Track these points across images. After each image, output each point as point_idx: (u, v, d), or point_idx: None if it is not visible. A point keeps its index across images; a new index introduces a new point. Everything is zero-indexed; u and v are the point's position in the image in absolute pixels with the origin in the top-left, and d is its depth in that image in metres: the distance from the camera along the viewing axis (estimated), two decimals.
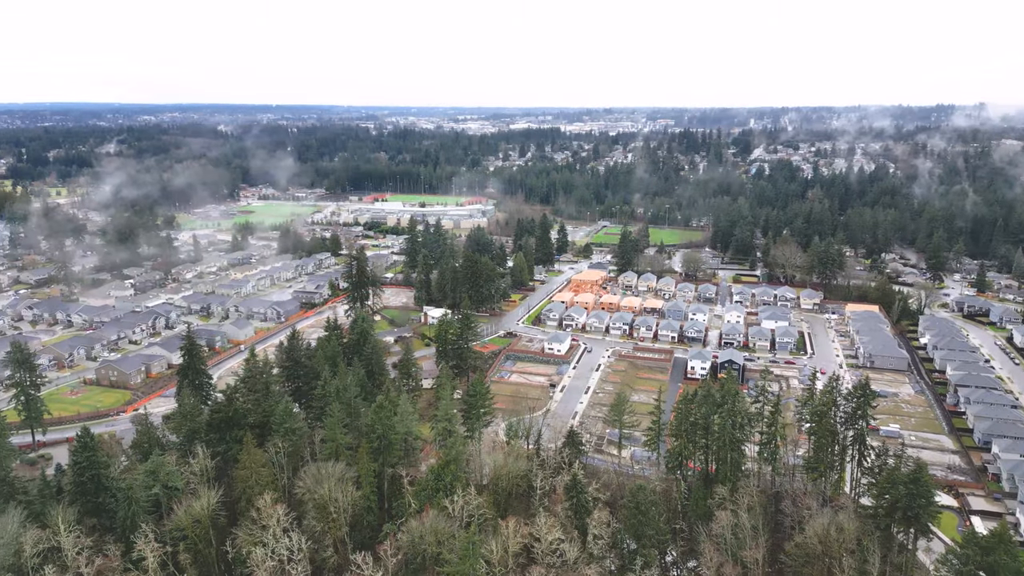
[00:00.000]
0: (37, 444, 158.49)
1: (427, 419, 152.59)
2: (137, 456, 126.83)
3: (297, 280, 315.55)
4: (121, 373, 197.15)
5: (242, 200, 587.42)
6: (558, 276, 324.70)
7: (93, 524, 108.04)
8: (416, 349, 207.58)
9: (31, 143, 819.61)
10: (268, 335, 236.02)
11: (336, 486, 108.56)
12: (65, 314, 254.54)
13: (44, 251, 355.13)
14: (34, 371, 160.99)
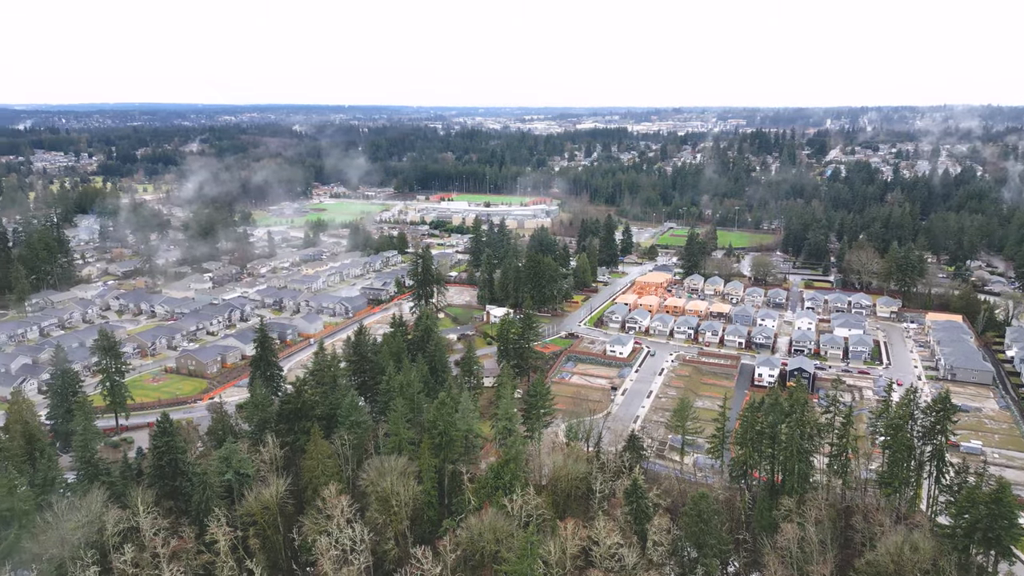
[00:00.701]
0: (120, 428, 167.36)
1: (488, 417, 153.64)
2: (212, 443, 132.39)
3: (365, 277, 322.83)
4: (199, 363, 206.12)
5: (315, 198, 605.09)
6: (622, 278, 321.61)
7: (170, 506, 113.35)
8: (478, 347, 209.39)
9: (121, 142, 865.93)
10: (336, 330, 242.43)
11: (398, 480, 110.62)
12: (149, 305, 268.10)
13: (131, 245, 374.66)
14: (119, 358, 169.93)
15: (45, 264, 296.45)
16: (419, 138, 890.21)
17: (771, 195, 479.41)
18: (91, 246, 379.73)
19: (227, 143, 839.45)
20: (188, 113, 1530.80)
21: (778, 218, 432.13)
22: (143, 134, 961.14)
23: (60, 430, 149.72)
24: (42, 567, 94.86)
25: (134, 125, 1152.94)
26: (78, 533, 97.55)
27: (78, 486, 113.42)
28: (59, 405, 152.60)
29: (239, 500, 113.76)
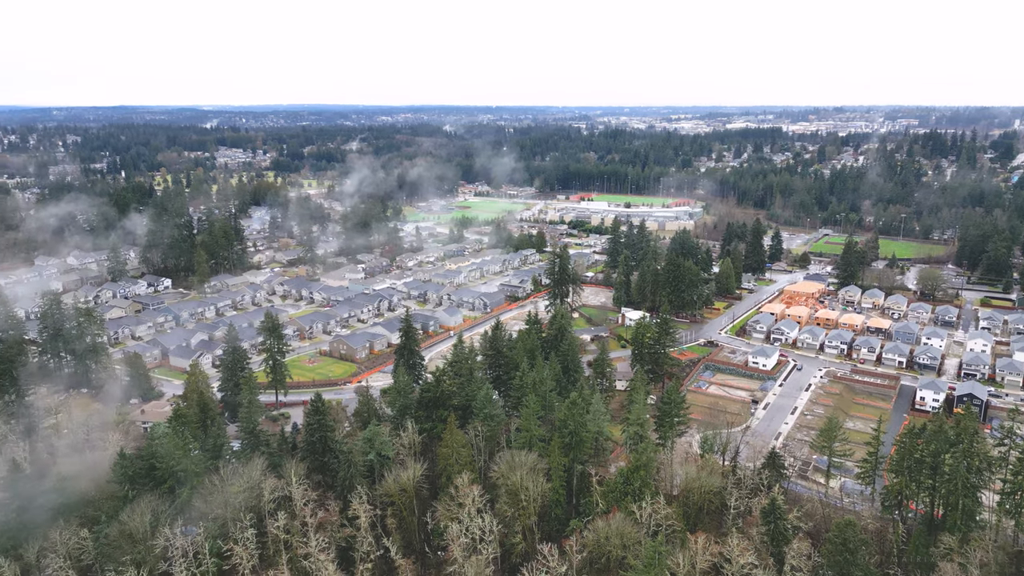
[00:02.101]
0: (279, 404, 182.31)
1: (619, 421, 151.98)
2: (357, 424, 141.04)
3: (504, 274, 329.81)
4: (349, 348, 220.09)
5: (460, 196, 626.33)
6: (768, 286, 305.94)
7: (318, 480, 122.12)
8: (611, 350, 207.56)
9: (291, 140, 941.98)
10: (474, 324, 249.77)
11: (528, 475, 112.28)
12: (309, 291, 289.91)
13: (295, 235, 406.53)
14: (282, 339, 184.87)
15: (223, 250, 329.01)
16: (562, 138, 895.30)
17: (944, 202, 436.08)
18: (262, 235, 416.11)
19: (383, 142, 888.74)
20: (350, 114, 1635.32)
21: (952, 228, 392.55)
22: (310, 133, 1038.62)
23: (229, 402, 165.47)
24: (208, 525, 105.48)
25: (303, 125, 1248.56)
26: (240, 497, 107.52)
27: (241, 454, 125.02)
28: (229, 379, 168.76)
29: (379, 480, 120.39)
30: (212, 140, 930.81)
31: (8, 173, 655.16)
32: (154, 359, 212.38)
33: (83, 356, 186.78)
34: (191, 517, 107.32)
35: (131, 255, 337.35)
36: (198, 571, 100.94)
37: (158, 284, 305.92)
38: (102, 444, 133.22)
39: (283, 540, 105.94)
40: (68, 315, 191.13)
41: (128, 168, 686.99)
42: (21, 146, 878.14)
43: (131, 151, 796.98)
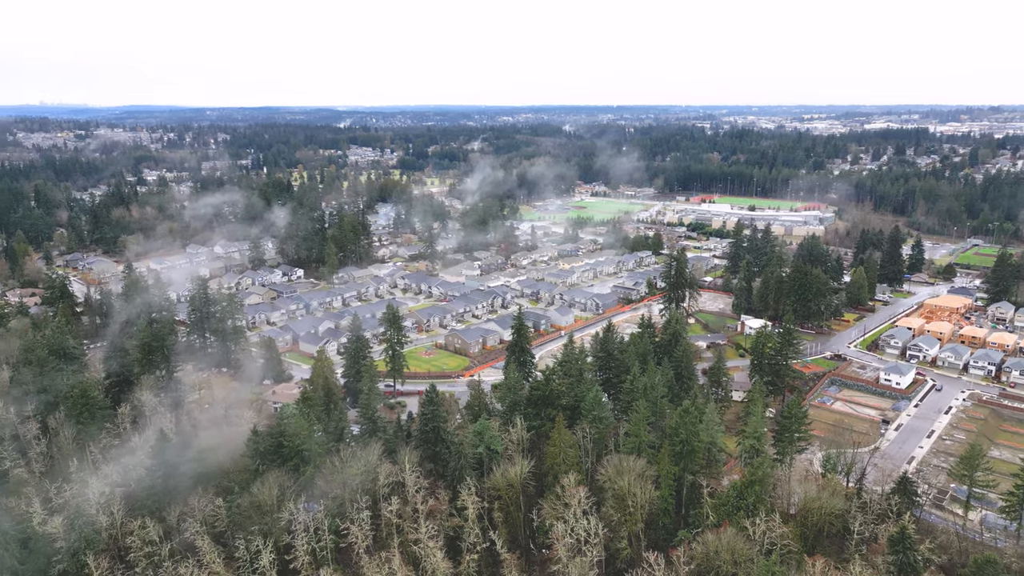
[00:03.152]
0: (396, 392, 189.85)
1: (733, 432, 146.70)
2: (468, 417, 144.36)
3: (618, 275, 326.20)
4: (464, 342, 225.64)
5: (577, 195, 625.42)
6: (906, 298, 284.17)
7: (430, 469, 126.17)
8: (728, 358, 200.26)
9: (416, 139, 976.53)
10: (586, 324, 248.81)
11: (635, 481, 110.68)
12: (428, 286, 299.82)
13: (418, 231, 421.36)
14: (401, 331, 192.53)
15: (351, 244, 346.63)
16: (684, 138, 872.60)
17: None
18: (386, 231, 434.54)
19: (504, 142, 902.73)
20: (473, 114, 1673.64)
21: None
22: (435, 133, 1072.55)
23: (351, 388, 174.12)
24: (328, 503, 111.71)
25: (428, 125, 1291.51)
26: (357, 479, 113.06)
27: (360, 438, 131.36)
28: (352, 366, 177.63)
29: (488, 474, 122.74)
30: (345, 139, 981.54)
31: (167, 168, 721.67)
32: (285, 344, 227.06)
33: (225, 338, 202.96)
34: (313, 495, 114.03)
35: (269, 246, 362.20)
36: (317, 546, 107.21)
37: (292, 274, 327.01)
38: (238, 420, 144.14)
39: (395, 524, 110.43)
40: (213, 299, 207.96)
41: (270, 164, 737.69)
42: (178, 143, 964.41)
43: (273, 149, 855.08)
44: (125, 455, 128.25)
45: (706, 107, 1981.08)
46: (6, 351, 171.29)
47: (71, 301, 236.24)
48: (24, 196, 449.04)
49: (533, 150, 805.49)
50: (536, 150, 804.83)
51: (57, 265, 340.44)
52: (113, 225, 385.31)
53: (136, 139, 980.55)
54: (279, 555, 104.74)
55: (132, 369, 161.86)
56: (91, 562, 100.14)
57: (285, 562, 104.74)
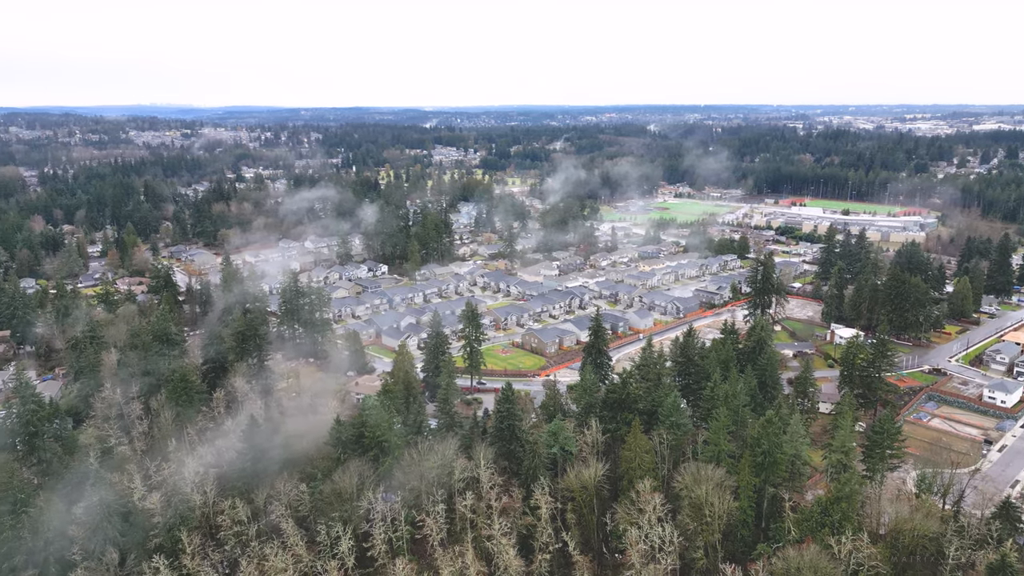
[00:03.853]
0: (473, 389, 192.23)
1: (819, 446, 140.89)
2: (543, 416, 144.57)
3: (700, 279, 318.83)
4: (540, 342, 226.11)
5: (659, 196, 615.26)
6: (1016, 311, 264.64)
7: (504, 466, 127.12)
8: (816, 368, 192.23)
9: (499, 139, 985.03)
10: (665, 328, 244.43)
11: (713, 491, 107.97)
12: (506, 285, 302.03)
13: (498, 230, 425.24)
14: (479, 328, 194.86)
15: (433, 242, 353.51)
16: (775, 138, 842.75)
17: None
18: (467, 229, 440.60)
19: (586, 142, 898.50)
20: (556, 114, 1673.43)
21: None
22: (518, 133, 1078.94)
23: (429, 382, 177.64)
24: (405, 495, 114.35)
25: (511, 125, 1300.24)
26: (433, 472, 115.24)
27: (437, 432, 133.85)
28: (431, 361, 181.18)
29: (561, 474, 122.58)
30: (430, 139, 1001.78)
31: (264, 165, 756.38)
32: (369, 337, 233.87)
33: (312, 329, 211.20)
34: (391, 485, 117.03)
35: (357, 242, 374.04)
36: (394, 536, 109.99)
37: (377, 269, 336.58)
38: (322, 409, 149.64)
39: (469, 519, 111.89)
40: (303, 292, 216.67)
41: (358, 163, 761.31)
42: (275, 142, 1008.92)
43: (362, 148, 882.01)
44: (219, 438, 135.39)
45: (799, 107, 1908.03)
46: (115, 335, 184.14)
47: (174, 290, 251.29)
48: (135, 191, 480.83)
49: (616, 150, 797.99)
50: (619, 150, 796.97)
51: (162, 256, 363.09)
52: (213, 219, 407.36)
53: (236, 138, 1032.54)
54: (357, 542, 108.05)
55: (227, 356, 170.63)
56: (185, 538, 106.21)
57: (363, 549, 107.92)
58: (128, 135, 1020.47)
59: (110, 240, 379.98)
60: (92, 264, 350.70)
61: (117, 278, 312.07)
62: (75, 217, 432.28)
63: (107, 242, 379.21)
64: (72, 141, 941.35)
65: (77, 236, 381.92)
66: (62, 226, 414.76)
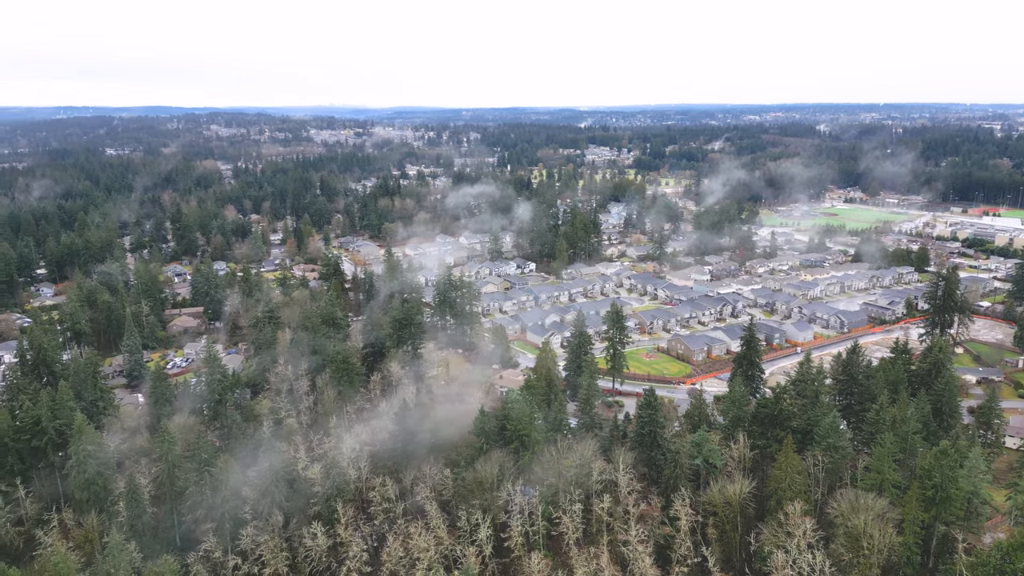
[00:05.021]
0: (614, 391, 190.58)
1: (1003, 484, 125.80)
2: (687, 426, 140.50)
3: (869, 292, 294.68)
4: (687, 348, 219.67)
5: (826, 201, 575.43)
6: None
7: (644, 473, 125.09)
8: (1004, 398, 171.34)
9: (654, 139, 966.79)
10: (827, 343, 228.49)
11: (874, 522, 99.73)
12: (654, 288, 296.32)
13: (648, 232, 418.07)
14: (623, 331, 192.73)
15: (581, 241, 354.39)
16: (966, 140, 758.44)
17: None
18: (616, 230, 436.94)
19: (747, 142, 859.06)
20: (716, 113, 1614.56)
21: None
22: (674, 132, 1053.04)
23: (571, 381, 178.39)
24: (542, 490, 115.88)
25: (667, 124, 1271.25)
26: (571, 471, 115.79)
27: (577, 432, 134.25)
28: (573, 360, 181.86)
29: (704, 487, 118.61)
30: (584, 139, 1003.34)
31: (425, 163, 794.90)
32: (514, 332, 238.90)
33: (462, 321, 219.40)
34: (530, 479, 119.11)
35: (507, 239, 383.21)
36: (531, 529, 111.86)
37: (525, 267, 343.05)
38: (468, 399, 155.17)
39: (605, 522, 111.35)
40: (455, 285, 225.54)
41: (513, 163, 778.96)
42: (437, 141, 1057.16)
43: (517, 147, 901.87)
44: (374, 418, 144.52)
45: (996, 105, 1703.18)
46: (289, 316, 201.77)
47: (342, 278, 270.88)
48: (312, 185, 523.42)
49: (780, 151, 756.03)
50: (783, 151, 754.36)
51: (333, 246, 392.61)
52: (379, 213, 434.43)
53: (403, 137, 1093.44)
54: (496, 531, 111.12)
55: (385, 342, 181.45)
56: (340, 509, 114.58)
57: (500, 539, 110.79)
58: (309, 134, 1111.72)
59: (289, 229, 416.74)
60: (273, 251, 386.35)
61: (294, 264, 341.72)
62: (261, 208, 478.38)
63: (287, 231, 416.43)
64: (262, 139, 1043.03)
65: (262, 225, 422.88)
66: (250, 215, 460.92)
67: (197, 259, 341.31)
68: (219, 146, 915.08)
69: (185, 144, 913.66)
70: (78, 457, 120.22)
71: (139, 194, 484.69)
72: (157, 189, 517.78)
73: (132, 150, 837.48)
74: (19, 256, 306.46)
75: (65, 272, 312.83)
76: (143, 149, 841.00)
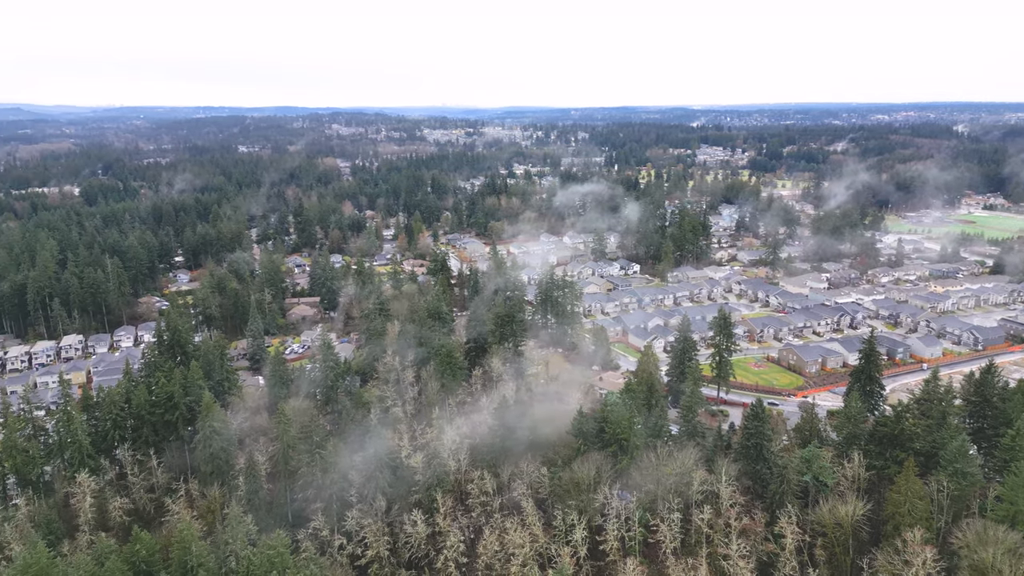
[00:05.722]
0: (719, 400, 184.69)
1: None
2: (796, 440, 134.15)
3: (1009, 307, 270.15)
4: (799, 359, 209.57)
5: (963, 208, 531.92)
6: None
7: (748, 486, 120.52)
8: None
9: (771, 139, 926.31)
10: (957, 360, 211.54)
11: (1004, 557, 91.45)
12: (765, 294, 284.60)
13: (760, 236, 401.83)
14: (731, 338, 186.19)
15: (689, 244, 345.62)
16: None
17: None
18: (727, 233, 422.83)
19: (874, 143, 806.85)
20: (840, 112, 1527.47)
21: None
22: (793, 132, 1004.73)
23: (673, 387, 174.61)
24: (640, 496, 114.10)
25: (786, 124, 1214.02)
26: (670, 479, 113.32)
27: (678, 439, 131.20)
28: (676, 366, 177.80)
29: (812, 506, 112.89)
30: (696, 138, 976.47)
31: (532, 162, 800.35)
32: (615, 334, 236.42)
33: (563, 321, 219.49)
34: (627, 484, 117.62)
35: (611, 239, 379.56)
36: (627, 535, 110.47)
37: (628, 268, 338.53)
38: (567, 399, 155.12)
39: (705, 534, 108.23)
40: (557, 285, 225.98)
41: (620, 162, 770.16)
42: (544, 140, 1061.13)
43: (625, 147, 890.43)
44: (474, 412, 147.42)
45: None
46: (398, 309, 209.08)
47: (448, 274, 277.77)
48: (423, 183, 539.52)
49: (911, 153, 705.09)
50: (914, 153, 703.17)
51: (441, 242, 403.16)
52: (485, 212, 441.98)
53: (511, 136, 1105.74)
54: (591, 534, 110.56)
55: (487, 338, 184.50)
56: (439, 499, 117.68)
57: (595, 542, 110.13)
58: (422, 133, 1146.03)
59: (401, 225, 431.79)
60: (385, 245, 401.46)
61: (404, 259, 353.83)
62: (376, 204, 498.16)
63: (398, 227, 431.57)
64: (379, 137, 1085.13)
65: (376, 221, 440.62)
66: (365, 211, 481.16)
67: (316, 251, 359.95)
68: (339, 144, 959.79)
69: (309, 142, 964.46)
70: (204, 433, 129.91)
71: (266, 189, 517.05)
72: (282, 185, 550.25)
73: (261, 148, 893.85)
74: (160, 244, 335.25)
75: (200, 260, 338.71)
76: (271, 147, 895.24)
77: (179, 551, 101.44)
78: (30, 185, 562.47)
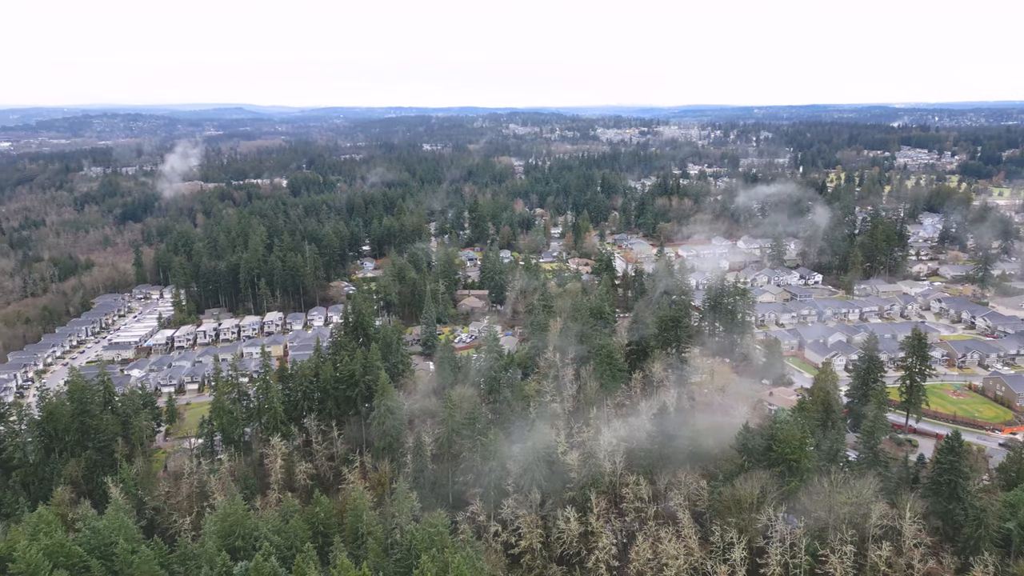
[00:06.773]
0: (908, 428, 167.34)
1: None
2: (1000, 481, 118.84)
3: None
4: (1009, 390, 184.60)
5: None
6: None
7: (936, 527, 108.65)
8: None
9: (988, 141, 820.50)
10: None
11: None
12: (970, 315, 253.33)
13: (968, 249, 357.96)
14: (926, 361, 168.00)
15: (881, 254, 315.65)
16: None
17: None
18: (927, 244, 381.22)
19: None
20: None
21: None
22: (1015, 134, 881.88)
23: (853, 409, 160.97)
24: (808, 522, 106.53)
25: (1007, 124, 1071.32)
26: (845, 509, 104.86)
27: (856, 467, 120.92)
28: (859, 387, 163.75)
29: (1016, 557, 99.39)
30: (896, 139, 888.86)
31: (708, 163, 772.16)
32: (790, 348, 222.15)
33: (732, 330, 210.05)
34: (794, 508, 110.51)
35: (791, 246, 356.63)
36: (791, 561, 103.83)
37: (809, 277, 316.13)
38: (732, 412, 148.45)
39: (883, 572, 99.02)
40: (728, 291, 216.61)
41: (806, 164, 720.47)
42: (723, 140, 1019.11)
43: (812, 148, 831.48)
44: (632, 416, 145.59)
45: None
46: (561, 306, 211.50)
47: (612, 274, 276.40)
48: (593, 182, 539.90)
49: None
50: None
51: (607, 242, 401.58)
52: (655, 212, 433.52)
53: (687, 135, 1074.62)
54: (751, 555, 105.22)
55: (649, 341, 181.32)
56: (593, 499, 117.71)
57: (755, 564, 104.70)
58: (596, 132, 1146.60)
59: (568, 224, 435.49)
60: (552, 243, 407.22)
61: (570, 257, 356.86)
62: (546, 202, 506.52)
63: (566, 226, 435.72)
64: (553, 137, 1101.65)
65: (544, 218, 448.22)
66: (535, 209, 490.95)
67: (487, 246, 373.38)
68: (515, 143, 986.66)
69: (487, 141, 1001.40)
70: (379, 410, 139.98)
71: (446, 185, 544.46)
72: (461, 181, 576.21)
73: (444, 146, 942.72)
74: (351, 234, 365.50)
75: (383, 249, 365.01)
76: (452, 145, 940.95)
77: (352, 518, 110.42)
78: (247, 177, 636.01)
